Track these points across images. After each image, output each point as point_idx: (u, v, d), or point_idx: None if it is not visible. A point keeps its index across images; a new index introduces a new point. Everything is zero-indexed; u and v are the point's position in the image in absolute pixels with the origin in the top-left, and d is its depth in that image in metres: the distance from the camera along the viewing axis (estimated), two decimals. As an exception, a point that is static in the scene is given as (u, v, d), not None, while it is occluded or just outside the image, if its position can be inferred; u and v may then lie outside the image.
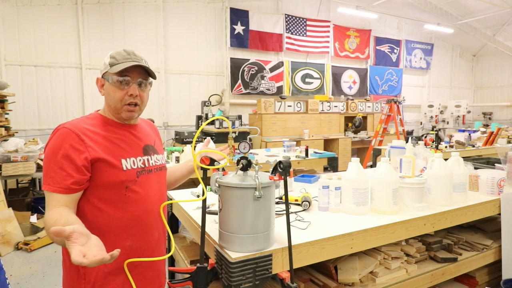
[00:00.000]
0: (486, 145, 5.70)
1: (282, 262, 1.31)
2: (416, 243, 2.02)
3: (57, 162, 1.14)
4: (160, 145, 1.50)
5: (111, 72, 1.23)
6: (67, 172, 1.13)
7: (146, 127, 1.47)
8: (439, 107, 11.52)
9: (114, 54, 1.27)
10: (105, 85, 1.27)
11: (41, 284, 3.14)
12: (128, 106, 1.26)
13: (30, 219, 4.33)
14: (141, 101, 1.29)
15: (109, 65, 1.24)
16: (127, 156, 1.27)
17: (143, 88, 1.29)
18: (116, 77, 1.23)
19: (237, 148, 3.15)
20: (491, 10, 10.00)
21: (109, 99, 1.27)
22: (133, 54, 1.28)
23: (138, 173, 1.28)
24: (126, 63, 1.23)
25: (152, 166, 1.36)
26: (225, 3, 8.26)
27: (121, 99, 1.25)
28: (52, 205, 1.12)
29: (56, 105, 6.83)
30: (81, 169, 1.15)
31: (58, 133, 1.17)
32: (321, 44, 9.65)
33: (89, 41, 7.00)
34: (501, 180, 2.13)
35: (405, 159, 1.92)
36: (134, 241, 1.26)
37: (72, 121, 1.22)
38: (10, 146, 4.36)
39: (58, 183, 1.13)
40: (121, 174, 1.23)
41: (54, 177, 1.13)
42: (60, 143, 1.15)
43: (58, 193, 1.13)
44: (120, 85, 1.24)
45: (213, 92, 8.24)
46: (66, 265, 1.26)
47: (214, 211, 1.73)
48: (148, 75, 1.31)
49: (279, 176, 1.28)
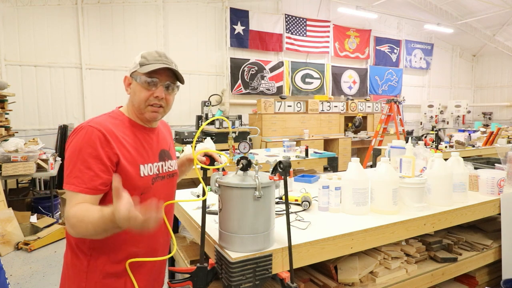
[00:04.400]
0: (486, 145, 5.70)
1: (282, 262, 1.31)
2: (416, 243, 2.02)
3: (84, 161, 1.10)
4: (173, 149, 1.48)
5: (140, 72, 1.22)
6: (95, 172, 1.10)
7: (163, 129, 1.45)
8: (439, 107, 11.51)
9: (145, 54, 1.25)
10: (132, 84, 1.26)
11: (41, 284, 3.13)
12: (152, 107, 1.24)
13: (30, 219, 4.33)
14: (166, 104, 1.27)
15: (139, 65, 1.23)
16: (145, 162, 1.25)
17: (170, 91, 1.27)
18: (144, 77, 1.22)
19: (237, 148, 3.13)
20: (491, 10, 10.00)
21: (134, 99, 1.25)
22: (164, 56, 1.26)
23: (153, 180, 1.27)
24: (156, 64, 1.21)
25: (165, 173, 1.34)
26: (225, 3, 8.26)
27: (146, 99, 1.23)
28: (76, 202, 1.08)
29: (56, 105, 6.82)
30: (109, 169, 1.13)
31: (84, 131, 1.14)
32: (321, 44, 9.65)
33: (89, 41, 7.00)
34: (501, 180, 2.13)
35: (405, 159, 1.92)
36: (140, 247, 1.25)
37: (96, 119, 1.19)
38: (10, 146, 4.36)
39: (84, 183, 1.10)
40: (138, 180, 1.21)
41: (80, 177, 1.10)
42: (87, 141, 1.12)
43: (85, 193, 1.09)
44: (147, 85, 1.22)
45: (213, 92, 8.24)
46: (69, 266, 1.23)
47: (214, 211, 1.73)
48: (177, 79, 1.29)
49: (279, 176, 1.28)
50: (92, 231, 1.03)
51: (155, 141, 1.33)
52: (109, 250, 1.19)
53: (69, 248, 1.24)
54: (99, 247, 1.18)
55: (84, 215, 1.03)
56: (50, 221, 4.41)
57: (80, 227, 1.05)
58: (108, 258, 1.19)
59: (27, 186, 5.71)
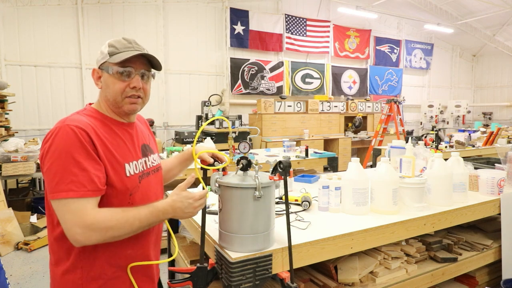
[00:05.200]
0: (486, 145, 5.70)
1: (282, 262, 1.31)
2: (416, 243, 2.02)
3: (76, 163, 1.00)
4: (153, 142, 1.41)
5: (111, 62, 1.12)
6: (92, 172, 1.02)
7: (140, 123, 1.36)
8: (439, 107, 11.51)
9: (113, 42, 1.15)
10: (103, 76, 1.15)
11: (41, 284, 3.13)
12: (130, 99, 1.15)
13: (30, 219, 4.33)
14: (144, 94, 1.19)
15: (108, 55, 1.13)
16: (130, 160, 1.17)
17: (146, 80, 1.19)
18: (116, 67, 1.12)
19: (237, 148, 3.13)
20: (491, 10, 10.00)
21: (108, 92, 1.15)
22: (134, 42, 1.17)
23: (140, 178, 1.20)
24: (128, 52, 1.12)
25: (150, 168, 1.28)
26: (225, 3, 8.26)
27: (121, 91, 1.13)
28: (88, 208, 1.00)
29: (56, 105, 6.82)
30: (102, 168, 1.05)
31: (62, 131, 1.02)
32: (321, 44, 9.65)
33: (89, 41, 7.00)
34: (501, 180, 2.13)
35: (405, 159, 1.92)
36: (134, 249, 1.19)
37: (71, 117, 1.08)
38: (10, 146, 4.36)
39: (84, 185, 0.99)
40: (126, 181, 1.13)
41: (76, 180, 0.99)
42: (72, 141, 1.01)
43: (88, 196, 1.00)
44: (121, 76, 1.13)
45: (213, 92, 8.24)
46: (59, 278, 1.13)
47: (214, 211, 1.73)
48: (151, 66, 1.21)
49: (279, 176, 1.28)
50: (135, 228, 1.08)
51: (135, 137, 1.25)
52: (105, 255, 1.13)
53: (56, 263, 1.14)
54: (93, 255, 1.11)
55: (125, 214, 1.05)
56: (50, 221, 4.40)
57: (119, 229, 1.04)
58: (104, 264, 1.13)
59: (27, 186, 5.71)
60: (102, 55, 1.15)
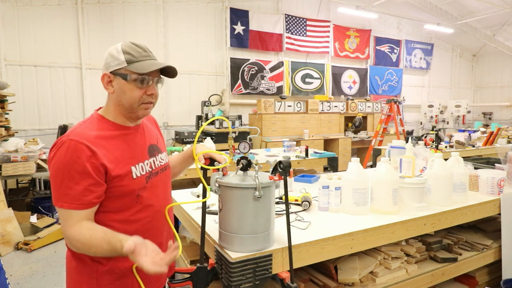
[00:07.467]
0: (486, 145, 5.70)
1: (282, 262, 1.31)
2: (416, 243, 2.02)
3: (71, 178, 1.07)
4: (162, 141, 1.45)
5: (131, 70, 1.16)
6: (84, 187, 1.08)
7: (148, 122, 1.41)
8: (439, 107, 11.51)
9: (127, 49, 1.18)
10: (115, 82, 1.18)
11: (41, 284, 3.13)
12: (145, 105, 1.22)
13: (30, 219, 4.33)
14: (155, 99, 1.26)
15: (126, 62, 1.16)
16: (136, 163, 1.21)
17: (158, 86, 1.27)
18: (135, 75, 1.16)
19: (237, 148, 3.14)
20: (491, 10, 10.00)
21: (124, 98, 1.18)
22: (148, 50, 1.23)
23: (147, 178, 1.24)
24: (146, 61, 1.18)
25: (158, 168, 1.32)
26: (225, 3, 8.26)
27: (139, 98, 1.19)
28: (73, 221, 1.09)
29: (56, 105, 6.82)
30: (99, 182, 1.11)
31: (65, 146, 1.08)
32: (321, 44, 9.65)
33: (89, 41, 7.00)
34: (501, 180, 2.14)
35: (405, 159, 1.92)
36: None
37: (76, 130, 1.13)
38: (10, 146, 4.36)
39: (76, 200, 1.08)
40: (132, 183, 1.18)
41: (70, 194, 1.07)
42: (71, 157, 1.07)
43: (79, 209, 1.08)
44: (140, 84, 1.18)
45: (213, 92, 8.24)
46: (74, 269, 1.21)
47: (214, 211, 1.73)
48: (161, 72, 1.27)
49: (279, 176, 1.28)
50: (99, 255, 1.12)
51: (142, 138, 1.30)
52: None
53: (73, 255, 1.21)
54: None
55: (91, 243, 1.07)
56: (50, 221, 4.40)
57: (85, 251, 1.11)
58: (117, 260, 1.17)
59: (27, 186, 5.71)
60: (116, 61, 1.17)
